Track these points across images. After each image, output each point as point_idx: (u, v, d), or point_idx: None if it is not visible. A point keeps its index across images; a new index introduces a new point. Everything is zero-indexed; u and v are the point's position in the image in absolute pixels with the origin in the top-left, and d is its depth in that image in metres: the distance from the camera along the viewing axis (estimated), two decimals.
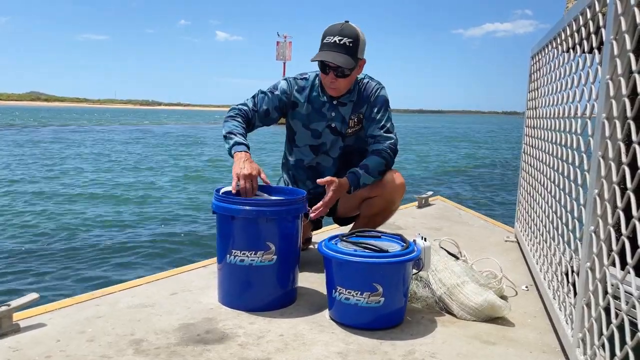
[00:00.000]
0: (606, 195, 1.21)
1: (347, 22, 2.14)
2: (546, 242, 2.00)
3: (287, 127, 2.37)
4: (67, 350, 1.48)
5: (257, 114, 2.23)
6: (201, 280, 2.11)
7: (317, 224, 2.58)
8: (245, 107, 2.22)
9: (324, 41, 2.12)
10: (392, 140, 2.22)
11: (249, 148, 2.04)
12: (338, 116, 2.26)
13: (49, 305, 1.80)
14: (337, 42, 2.08)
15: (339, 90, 2.20)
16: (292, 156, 2.38)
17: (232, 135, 2.07)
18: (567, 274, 1.64)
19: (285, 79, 2.30)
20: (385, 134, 2.22)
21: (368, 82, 2.28)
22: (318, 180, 2.04)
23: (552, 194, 1.92)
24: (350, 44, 2.09)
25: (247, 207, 1.75)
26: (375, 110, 2.24)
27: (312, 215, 2.02)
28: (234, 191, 1.88)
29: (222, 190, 1.89)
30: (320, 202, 2.04)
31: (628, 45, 1.11)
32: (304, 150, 2.34)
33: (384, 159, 2.17)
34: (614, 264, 1.14)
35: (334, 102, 2.25)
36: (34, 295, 1.67)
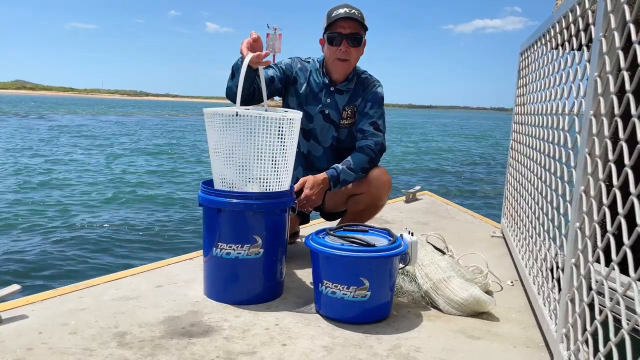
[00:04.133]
0: (592, 192, 1.21)
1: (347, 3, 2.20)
2: (532, 238, 2.02)
3: (284, 107, 2.38)
4: (50, 342, 1.46)
5: None
6: (187, 273, 2.10)
7: (304, 218, 2.57)
8: None
9: (333, 15, 2.15)
10: (379, 138, 2.22)
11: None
12: (332, 103, 2.27)
13: (32, 296, 1.77)
14: (348, 11, 2.14)
15: (349, 64, 2.21)
16: None
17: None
18: (552, 270, 1.65)
19: (290, 58, 2.34)
20: (374, 131, 2.22)
21: (367, 77, 2.32)
22: (295, 187, 2.01)
23: (539, 190, 1.93)
24: (359, 15, 2.15)
25: (234, 200, 1.74)
26: (369, 106, 2.25)
27: (299, 206, 2.01)
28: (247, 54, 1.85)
29: (206, 110, 1.80)
30: (299, 198, 2.06)
31: (617, 43, 1.11)
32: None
33: (368, 156, 2.17)
34: (598, 261, 1.15)
35: (332, 89, 2.26)
36: (16, 287, 1.64)
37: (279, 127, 1.74)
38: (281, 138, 1.76)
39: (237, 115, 1.71)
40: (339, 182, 2.12)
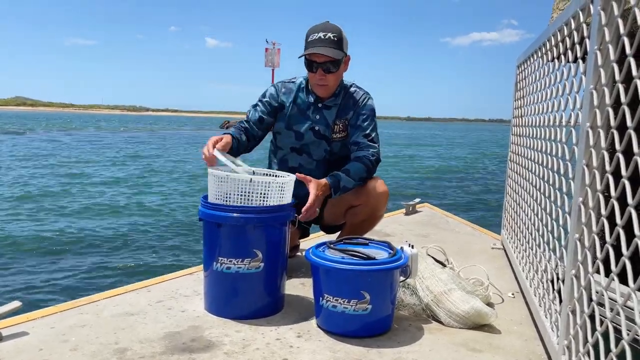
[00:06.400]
0: (590, 204, 1.22)
1: (327, 21, 2.19)
2: (532, 250, 2.02)
3: (273, 130, 2.38)
4: (50, 359, 1.45)
5: (251, 123, 2.28)
6: (187, 288, 2.09)
7: (304, 232, 2.57)
8: (242, 123, 2.30)
9: (309, 40, 2.16)
10: (375, 150, 2.23)
11: (230, 135, 2.10)
12: (322, 120, 2.28)
13: (32, 313, 1.77)
14: (322, 37, 2.13)
15: (328, 88, 2.22)
16: (276, 158, 2.39)
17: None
18: (552, 282, 1.65)
19: (273, 85, 2.35)
20: (368, 142, 2.23)
21: (355, 90, 2.31)
22: (297, 175, 1.99)
23: (538, 201, 1.94)
24: (335, 38, 2.14)
25: (234, 214, 1.74)
26: (362, 119, 2.26)
27: (301, 216, 1.99)
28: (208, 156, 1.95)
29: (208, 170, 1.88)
30: (307, 204, 2.01)
31: (612, 56, 1.13)
32: (287, 153, 2.35)
33: (365, 165, 2.18)
34: (598, 272, 1.15)
35: (319, 105, 2.27)
36: (16, 304, 1.64)
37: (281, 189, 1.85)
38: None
39: (251, 181, 1.80)
40: (339, 188, 2.12)
